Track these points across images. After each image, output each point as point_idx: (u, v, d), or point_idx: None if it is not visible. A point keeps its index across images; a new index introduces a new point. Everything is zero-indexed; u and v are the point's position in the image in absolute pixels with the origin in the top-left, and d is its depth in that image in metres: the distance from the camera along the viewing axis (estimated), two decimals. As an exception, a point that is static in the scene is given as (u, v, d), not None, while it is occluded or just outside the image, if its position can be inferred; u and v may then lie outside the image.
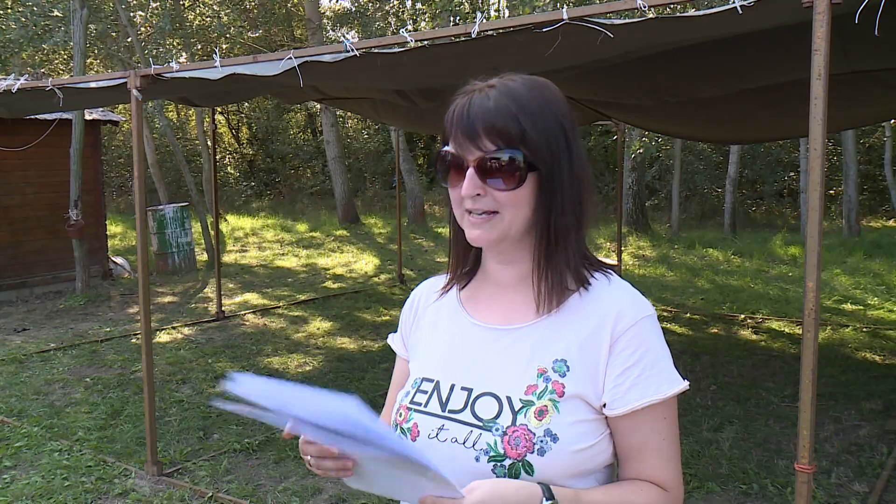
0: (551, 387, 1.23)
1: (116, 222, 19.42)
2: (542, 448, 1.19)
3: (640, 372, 1.24)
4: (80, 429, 5.51)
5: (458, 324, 1.38)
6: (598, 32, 3.17)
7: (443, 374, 1.33)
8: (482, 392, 1.26)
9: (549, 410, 1.21)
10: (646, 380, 1.24)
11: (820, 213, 2.70)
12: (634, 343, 1.25)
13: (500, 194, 1.23)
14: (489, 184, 1.22)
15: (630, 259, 14.15)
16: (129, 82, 4.46)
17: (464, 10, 15.91)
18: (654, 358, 1.26)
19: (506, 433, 1.20)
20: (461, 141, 1.23)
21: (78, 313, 9.80)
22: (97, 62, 19.91)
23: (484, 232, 1.25)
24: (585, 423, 1.23)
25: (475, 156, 1.22)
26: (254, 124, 30.29)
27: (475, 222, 1.25)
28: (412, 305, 1.51)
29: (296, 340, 8.24)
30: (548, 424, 1.20)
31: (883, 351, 7.43)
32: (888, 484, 4.44)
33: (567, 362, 1.25)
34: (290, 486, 4.51)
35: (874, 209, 21.14)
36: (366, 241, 17.40)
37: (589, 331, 1.26)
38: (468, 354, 1.33)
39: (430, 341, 1.41)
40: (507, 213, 1.24)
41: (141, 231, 4.71)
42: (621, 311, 1.26)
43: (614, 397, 1.23)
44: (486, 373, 1.28)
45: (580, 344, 1.25)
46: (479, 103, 1.22)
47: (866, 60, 5.74)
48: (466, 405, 1.26)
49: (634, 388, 1.23)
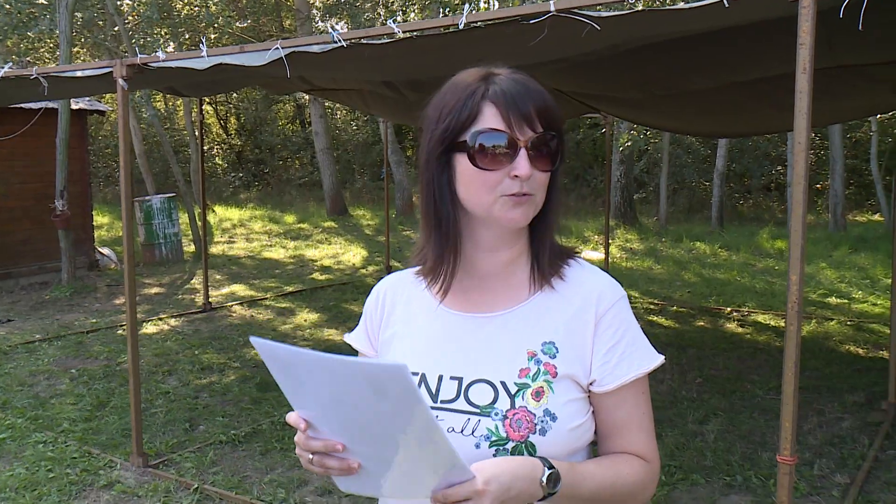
0: (544, 368, 1.26)
1: (103, 213, 19.31)
2: (544, 428, 1.22)
3: (623, 349, 1.29)
4: (65, 420, 5.49)
5: (435, 315, 1.37)
6: (586, 24, 3.17)
7: (427, 366, 1.33)
8: (474, 379, 1.27)
9: (545, 391, 1.24)
10: (630, 356, 1.29)
11: (803, 207, 2.72)
12: (616, 322, 1.30)
13: (542, 175, 1.26)
14: (537, 165, 1.24)
15: (618, 252, 14.19)
16: (116, 71, 4.42)
17: (453, 2, 15.86)
18: (634, 335, 1.31)
19: (506, 417, 1.23)
20: (514, 121, 1.22)
21: (64, 304, 9.75)
22: (84, 51, 19.75)
23: (524, 211, 1.26)
24: (576, 402, 1.27)
25: (527, 136, 1.23)
26: (242, 115, 30.16)
27: (518, 202, 1.25)
28: (378, 301, 1.47)
29: (283, 332, 8.22)
30: (546, 405, 1.23)
31: (866, 344, 7.49)
32: (869, 475, 4.48)
33: (555, 344, 1.28)
34: (277, 477, 4.52)
35: (860, 203, 21.27)
36: (354, 233, 17.38)
37: (572, 312, 1.30)
38: (452, 344, 1.32)
39: (405, 335, 1.39)
40: (539, 194, 1.28)
41: (127, 222, 4.69)
42: (602, 292, 1.31)
43: (603, 374, 1.28)
44: (474, 360, 1.29)
45: (566, 325, 1.29)
46: (527, 86, 1.24)
47: (852, 54, 5.76)
48: (459, 394, 1.27)
49: (621, 364, 1.28)
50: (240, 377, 6.53)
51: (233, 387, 6.27)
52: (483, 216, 1.28)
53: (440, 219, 1.30)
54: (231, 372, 6.70)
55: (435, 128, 1.27)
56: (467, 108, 1.23)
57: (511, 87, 1.23)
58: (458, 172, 1.27)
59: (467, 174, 1.25)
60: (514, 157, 1.22)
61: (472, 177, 1.25)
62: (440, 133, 1.26)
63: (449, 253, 1.31)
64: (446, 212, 1.29)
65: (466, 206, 1.29)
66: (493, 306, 1.33)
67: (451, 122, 1.25)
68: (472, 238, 1.33)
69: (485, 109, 1.23)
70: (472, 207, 1.28)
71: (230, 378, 6.52)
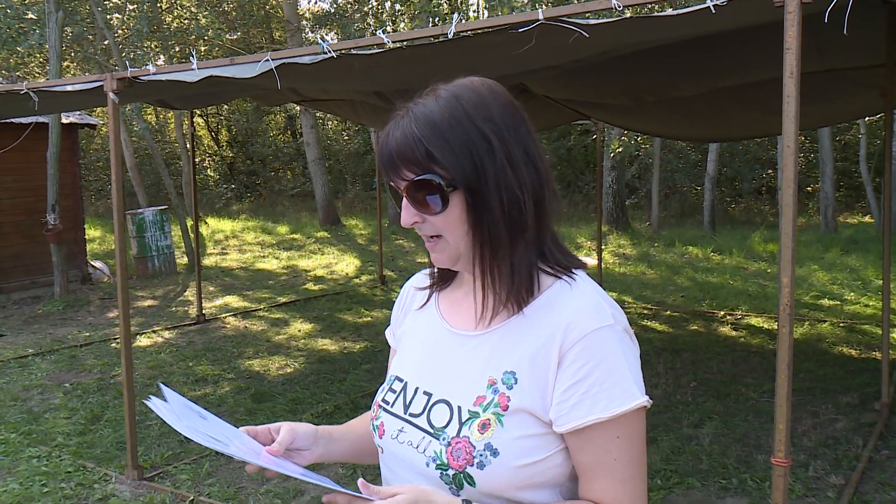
0: (497, 399, 1.19)
1: (95, 226, 19.27)
2: (482, 462, 1.16)
3: (587, 388, 1.16)
4: (59, 434, 5.47)
5: (432, 325, 1.36)
6: (574, 32, 3.19)
7: (411, 375, 1.33)
8: (439, 399, 1.26)
9: (493, 424, 1.18)
10: (594, 396, 1.15)
11: (793, 210, 2.74)
12: (584, 356, 1.16)
13: (434, 218, 1.21)
14: (421, 211, 1.21)
15: (610, 257, 14.22)
16: (106, 85, 4.43)
17: (442, 11, 15.91)
18: (606, 372, 1.16)
19: (450, 444, 1.20)
20: (388, 173, 1.23)
21: (56, 318, 9.72)
22: (74, 65, 19.73)
23: (437, 255, 1.26)
24: (533, 438, 1.18)
25: (401, 186, 1.22)
26: (233, 126, 30.15)
27: (429, 247, 1.26)
28: (401, 300, 1.50)
29: (277, 343, 8.21)
30: (489, 438, 1.17)
31: (859, 345, 7.52)
32: (863, 476, 4.49)
33: (516, 374, 1.20)
34: (272, 488, 4.51)
35: (850, 205, 21.37)
36: (347, 243, 17.37)
37: (541, 342, 1.20)
38: (434, 358, 1.32)
39: (409, 339, 1.41)
40: (447, 234, 1.22)
41: (119, 235, 4.68)
42: (572, 322, 1.18)
43: (559, 413, 1.17)
44: (444, 379, 1.28)
45: (532, 356, 1.20)
46: (391, 134, 1.21)
47: (839, 59, 5.81)
48: (424, 410, 1.26)
49: (581, 405, 1.16)
50: (234, 388, 6.52)
51: (227, 398, 6.25)
52: None
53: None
54: (225, 383, 6.69)
55: None
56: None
57: (391, 134, 1.21)
58: None
59: None
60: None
61: None
62: None
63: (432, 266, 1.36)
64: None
65: None
66: (476, 325, 1.29)
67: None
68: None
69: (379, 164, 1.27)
70: None
71: (225, 389, 6.50)
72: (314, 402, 6.11)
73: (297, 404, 6.07)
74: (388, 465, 1.32)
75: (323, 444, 1.41)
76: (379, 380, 1.56)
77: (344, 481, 4.49)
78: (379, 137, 1.24)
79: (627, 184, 20.65)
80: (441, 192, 1.18)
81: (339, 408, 5.95)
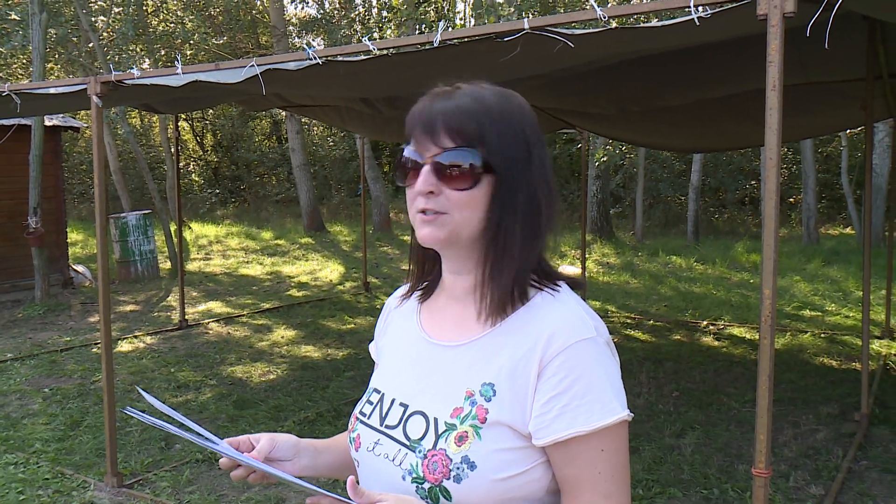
0: (475, 412, 1.18)
1: (78, 230, 19.14)
2: (458, 475, 1.15)
3: (567, 401, 1.14)
4: (38, 440, 5.41)
5: (410, 336, 1.35)
6: (560, 41, 3.20)
7: (388, 386, 1.32)
8: (415, 410, 1.24)
9: (470, 437, 1.16)
10: (574, 409, 1.14)
11: (775, 221, 2.75)
12: (565, 369, 1.15)
13: (454, 194, 1.18)
14: (443, 182, 1.18)
15: (594, 266, 14.26)
16: (90, 88, 4.40)
17: (429, 19, 15.94)
18: (587, 385, 1.15)
19: (426, 456, 1.18)
20: (420, 138, 1.20)
21: (37, 322, 9.63)
22: (57, 67, 19.61)
23: (433, 229, 1.20)
24: (512, 452, 1.16)
25: (431, 152, 1.19)
26: (218, 131, 30.05)
27: (425, 220, 1.20)
28: (384, 312, 1.49)
29: (260, 349, 8.17)
30: (466, 451, 1.15)
31: (839, 356, 7.57)
32: (843, 486, 4.52)
33: (494, 387, 1.19)
34: (253, 496, 4.48)
35: (832, 217, 21.57)
36: (331, 249, 17.33)
37: (522, 354, 1.19)
38: (411, 369, 1.30)
39: (388, 352, 1.40)
40: (458, 213, 1.19)
41: (101, 239, 4.65)
42: (553, 334, 1.17)
43: (539, 426, 1.15)
44: (421, 390, 1.26)
45: (511, 368, 1.19)
46: (441, 102, 1.21)
47: (821, 72, 5.87)
48: (400, 422, 1.25)
49: (560, 418, 1.14)
50: (216, 395, 6.48)
51: (209, 404, 6.21)
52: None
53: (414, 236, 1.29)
54: (207, 389, 6.64)
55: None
56: (407, 122, 1.24)
57: (440, 102, 1.21)
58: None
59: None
60: (419, 174, 1.21)
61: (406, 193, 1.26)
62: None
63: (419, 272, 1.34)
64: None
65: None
66: (455, 335, 1.28)
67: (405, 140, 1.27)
68: (445, 261, 1.31)
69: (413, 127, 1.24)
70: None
71: (206, 396, 6.46)
72: (297, 409, 6.08)
73: (279, 411, 6.04)
74: (365, 478, 1.30)
75: (307, 457, 1.41)
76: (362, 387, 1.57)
77: (328, 486, 4.46)
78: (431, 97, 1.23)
79: (612, 193, 20.74)
80: (473, 170, 1.18)
81: (322, 415, 5.92)
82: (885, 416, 5.72)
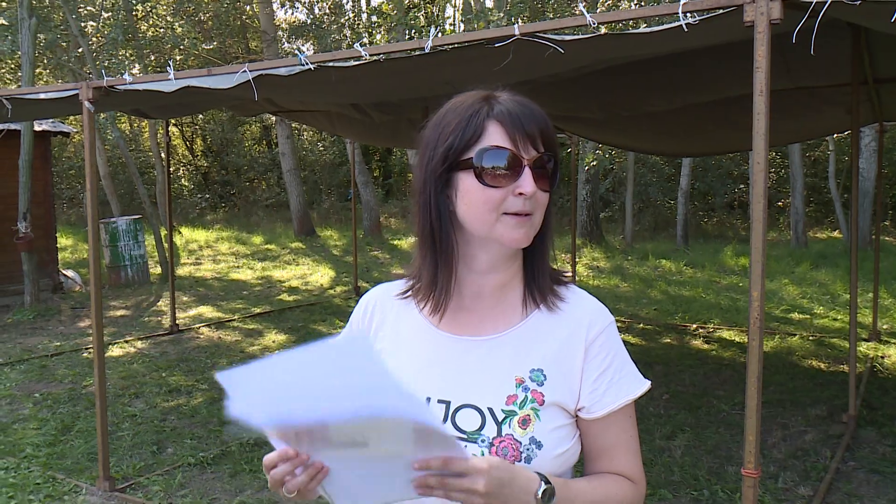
0: (531, 396, 1.26)
1: (67, 235, 19.06)
2: (529, 456, 1.22)
3: (612, 375, 1.30)
4: (29, 445, 5.39)
5: (425, 335, 1.36)
6: (550, 47, 3.24)
7: (415, 386, 1.29)
8: (461, 404, 1.27)
9: (532, 419, 1.25)
10: (618, 382, 1.31)
11: (763, 224, 2.79)
12: (605, 349, 1.31)
13: (542, 195, 1.26)
14: (539, 185, 1.24)
15: (584, 270, 14.31)
16: (81, 94, 4.41)
17: (419, 24, 15.98)
18: (623, 361, 1.33)
19: (493, 444, 1.23)
20: (518, 140, 1.23)
21: (27, 327, 9.60)
22: (46, 72, 19.55)
23: (527, 231, 1.26)
24: (563, 429, 1.28)
25: (531, 155, 1.24)
26: (208, 136, 30.00)
27: (521, 222, 1.25)
28: (366, 313, 1.45)
29: (251, 353, 8.17)
30: (532, 433, 1.24)
31: (827, 359, 7.63)
32: (831, 487, 4.56)
33: (544, 371, 1.28)
34: (246, 499, 4.48)
35: (820, 221, 21.70)
36: (321, 254, 17.32)
37: (562, 339, 1.30)
38: (441, 367, 1.32)
39: (394, 353, 1.37)
40: (538, 214, 1.28)
41: (93, 243, 4.65)
42: (592, 319, 1.32)
43: (593, 401, 1.29)
44: (463, 385, 1.29)
45: (555, 352, 1.30)
46: (524, 107, 1.26)
47: (808, 77, 5.93)
48: (447, 418, 1.27)
49: (609, 391, 1.30)
50: (208, 399, 6.48)
51: (201, 409, 6.21)
52: (484, 235, 1.26)
53: (437, 239, 1.29)
54: (199, 394, 6.64)
55: (436, 147, 1.26)
56: (472, 126, 1.23)
57: (515, 107, 1.25)
58: (461, 191, 1.25)
59: (471, 192, 1.24)
60: (519, 175, 1.22)
61: (476, 195, 1.24)
62: (443, 152, 1.25)
63: (444, 274, 1.30)
64: (444, 232, 1.28)
65: (467, 226, 1.27)
66: (483, 329, 1.33)
67: (454, 141, 1.24)
68: (466, 260, 1.31)
69: (489, 128, 1.23)
70: (473, 227, 1.26)
71: (198, 400, 6.46)
72: (288, 414, 6.08)
73: (270, 415, 6.03)
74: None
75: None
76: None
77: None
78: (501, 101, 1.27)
79: (601, 197, 20.81)
80: (555, 174, 1.29)
81: (313, 419, 5.92)
82: (872, 417, 5.78)
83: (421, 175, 1.29)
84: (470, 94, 1.30)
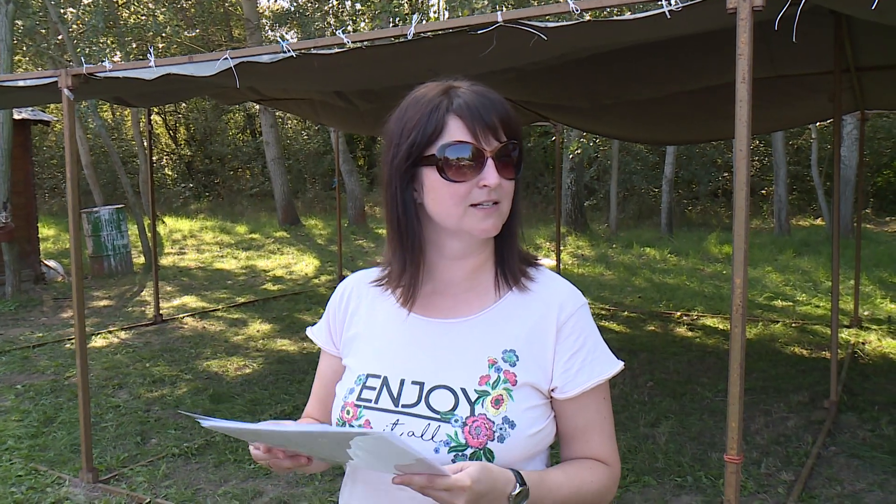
0: (503, 376, 1.28)
1: (49, 225, 18.90)
2: (502, 435, 1.24)
3: (584, 356, 1.32)
4: (10, 437, 5.36)
5: (400, 320, 1.38)
6: (533, 35, 3.23)
7: (389, 369, 1.34)
8: (435, 385, 1.29)
9: (505, 399, 1.26)
10: (591, 363, 1.32)
11: (746, 212, 2.80)
12: (577, 329, 1.33)
13: (507, 184, 1.28)
14: (502, 174, 1.26)
15: (569, 258, 14.35)
16: (61, 81, 4.36)
17: (403, 11, 15.90)
18: (595, 342, 1.35)
19: (466, 423, 1.24)
20: (479, 132, 1.24)
21: (8, 319, 9.52)
22: (25, 59, 19.34)
23: (496, 220, 1.28)
24: (536, 409, 1.29)
25: (493, 146, 1.25)
26: (191, 125, 29.79)
27: (488, 212, 1.27)
28: (342, 300, 1.50)
29: (235, 343, 8.14)
30: (505, 412, 1.25)
31: (810, 345, 7.69)
32: (812, 472, 4.61)
33: (516, 352, 1.30)
34: (231, 489, 4.47)
35: (803, 209, 21.84)
36: (306, 243, 17.27)
37: (534, 320, 1.32)
38: (414, 349, 1.34)
39: (369, 337, 1.41)
40: (505, 202, 1.30)
41: (74, 233, 4.61)
42: (563, 301, 1.34)
43: (565, 381, 1.31)
44: (436, 366, 1.31)
45: (527, 333, 1.31)
46: (482, 97, 1.26)
47: (790, 65, 5.95)
48: (420, 399, 1.28)
49: (582, 371, 1.31)
50: (192, 389, 6.45)
51: (185, 399, 6.19)
52: (453, 228, 1.29)
53: (404, 232, 1.32)
54: (183, 384, 6.61)
55: (399, 143, 1.28)
56: (432, 121, 1.25)
57: (474, 99, 1.25)
58: (426, 186, 1.28)
59: (436, 187, 1.26)
60: (482, 168, 1.24)
61: (441, 189, 1.26)
62: (406, 148, 1.26)
63: (413, 265, 1.33)
64: (410, 225, 1.31)
65: (435, 219, 1.30)
66: (456, 312, 1.35)
67: (416, 137, 1.25)
68: (438, 247, 1.35)
69: (450, 122, 1.24)
70: (441, 220, 1.29)
71: (182, 390, 6.43)
72: (273, 403, 6.07)
73: (255, 405, 6.03)
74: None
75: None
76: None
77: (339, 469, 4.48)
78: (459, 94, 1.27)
79: (586, 185, 20.86)
80: (519, 161, 1.31)
81: (298, 408, 5.92)
82: (853, 403, 5.83)
83: (387, 170, 1.31)
84: (430, 85, 1.31)
